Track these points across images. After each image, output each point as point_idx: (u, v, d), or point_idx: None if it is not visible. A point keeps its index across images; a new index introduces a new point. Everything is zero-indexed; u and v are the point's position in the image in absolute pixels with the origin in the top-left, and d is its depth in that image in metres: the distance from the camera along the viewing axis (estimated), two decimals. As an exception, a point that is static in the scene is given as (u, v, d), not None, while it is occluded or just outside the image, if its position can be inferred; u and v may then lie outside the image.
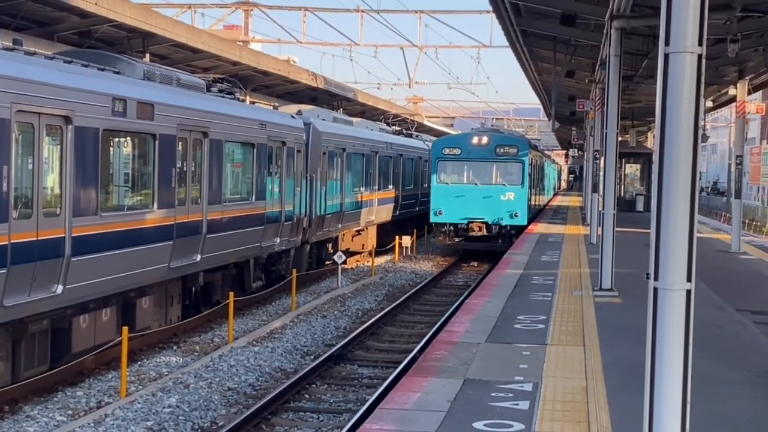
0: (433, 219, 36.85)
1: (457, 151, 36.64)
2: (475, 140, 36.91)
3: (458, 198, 35.74)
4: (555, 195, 78.44)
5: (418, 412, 9.15)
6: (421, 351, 14.85)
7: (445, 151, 37.07)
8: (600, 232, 19.59)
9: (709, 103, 39.74)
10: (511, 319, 14.65)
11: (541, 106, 57.52)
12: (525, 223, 36.51)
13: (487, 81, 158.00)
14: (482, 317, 14.71)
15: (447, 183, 36.63)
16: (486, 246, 35.97)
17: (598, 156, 26.70)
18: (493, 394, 9.86)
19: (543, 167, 58.30)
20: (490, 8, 22.22)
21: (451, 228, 36.34)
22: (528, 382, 10.48)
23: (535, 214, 44.65)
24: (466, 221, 35.72)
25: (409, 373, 10.96)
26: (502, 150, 36.22)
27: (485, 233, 35.43)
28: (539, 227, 38.35)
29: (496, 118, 78.50)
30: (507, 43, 28.26)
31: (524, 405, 9.49)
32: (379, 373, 16.28)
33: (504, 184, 36.06)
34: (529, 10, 21.81)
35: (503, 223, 35.29)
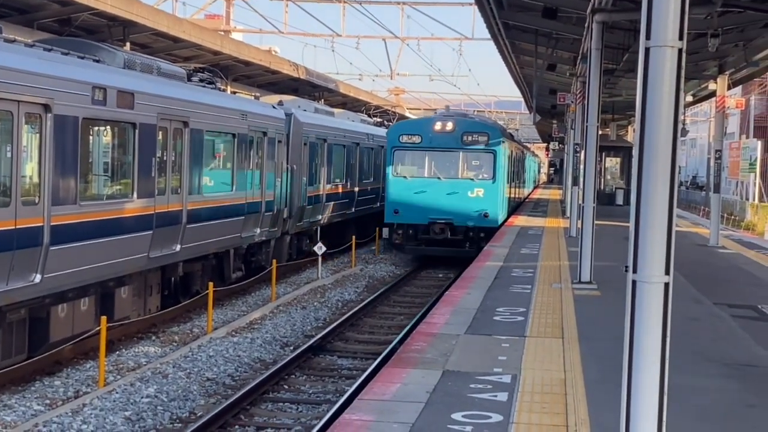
0: (388, 219, 30.73)
1: (416, 139, 30.54)
2: (437, 126, 30.63)
3: (418, 195, 29.98)
4: (535, 188, 78.62)
5: (397, 403, 9.17)
6: (400, 342, 14.87)
7: (402, 139, 30.95)
8: (580, 225, 19.65)
9: (689, 98, 39.91)
10: (490, 311, 14.68)
11: (522, 99, 57.52)
12: (497, 224, 31.16)
13: (468, 73, 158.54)
14: (462, 309, 14.74)
15: (405, 177, 30.66)
16: (450, 251, 30.15)
17: (578, 149, 26.72)
18: (472, 386, 9.88)
19: (522, 159, 53.00)
20: (473, 0, 22.16)
21: (410, 230, 30.38)
22: (507, 373, 10.51)
23: (513, 209, 40.67)
24: (426, 222, 29.86)
25: (389, 365, 10.98)
26: (470, 138, 30.23)
27: (449, 236, 29.64)
28: (519, 220, 37.44)
29: (478, 111, 78.54)
30: (489, 36, 28.31)
31: (503, 396, 9.51)
32: (359, 364, 16.30)
33: (472, 179, 30.31)
34: (511, 2, 21.85)
35: (471, 224, 29.62)
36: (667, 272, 6.26)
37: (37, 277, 13.77)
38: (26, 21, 23.59)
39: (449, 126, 30.32)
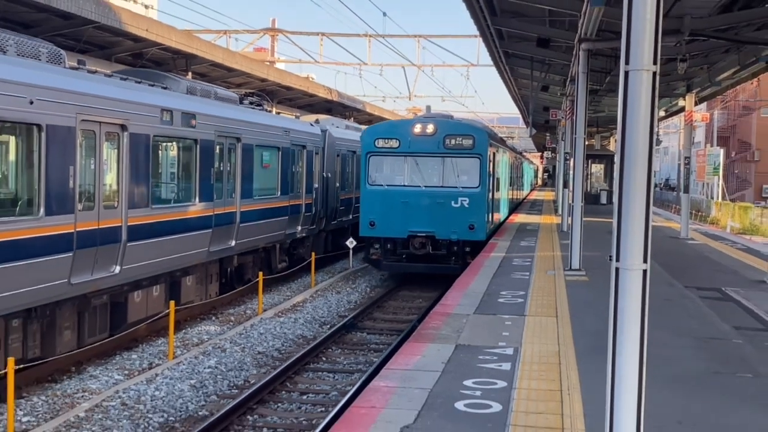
0: (363, 233, 23.08)
1: (394, 144, 23.11)
2: (417, 129, 23.09)
3: (396, 205, 22.57)
4: (532, 190, 78.26)
5: (417, 372, 9.19)
6: (419, 321, 14.87)
7: (378, 144, 23.28)
8: (570, 222, 19.56)
9: (662, 113, 39.69)
10: (495, 294, 14.67)
11: (520, 116, 57.33)
12: (483, 237, 23.14)
13: (474, 94, 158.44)
14: (471, 293, 14.73)
15: (381, 185, 23.01)
16: (433, 268, 22.90)
17: (568, 157, 26.69)
18: (480, 357, 9.89)
19: (518, 165, 46.00)
20: (478, 33, 22.19)
21: (388, 245, 22.93)
22: (510, 347, 10.51)
23: (508, 214, 33.59)
24: (406, 235, 22.53)
25: (410, 340, 10.98)
26: (453, 141, 22.96)
27: (431, 251, 22.50)
28: (519, 217, 36.49)
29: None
30: (492, 63, 28.21)
31: (506, 366, 9.52)
32: (385, 339, 16.32)
33: (456, 187, 22.74)
34: (510, 34, 21.80)
35: (455, 237, 22.44)
36: (645, 260, 6.25)
37: (117, 269, 13.87)
38: (105, 55, 23.73)
39: (430, 128, 22.85)
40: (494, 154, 24.85)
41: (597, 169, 50.72)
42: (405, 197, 22.43)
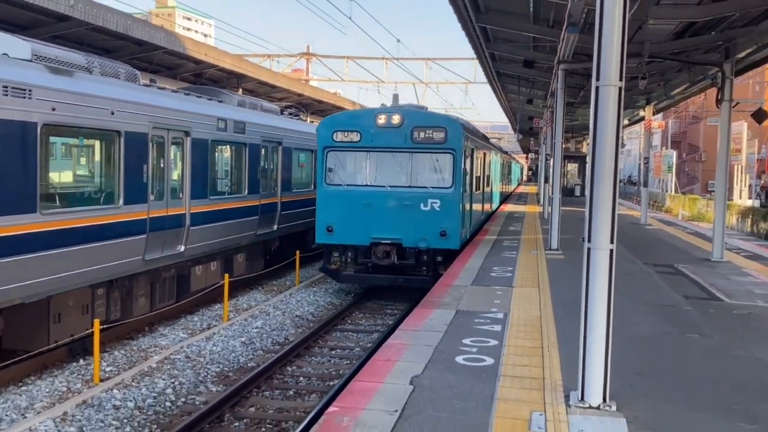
0: (319, 239, 16.77)
1: (354, 137, 16.72)
2: (381, 120, 16.67)
3: (356, 208, 16.46)
4: (519, 185, 77.93)
5: (425, 332, 9.21)
6: (427, 291, 14.87)
7: (336, 137, 16.76)
8: (550, 210, 19.52)
9: (626, 121, 39.46)
10: (488, 269, 14.66)
11: (509, 123, 57.11)
12: (457, 246, 16.60)
13: (472, 106, 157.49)
14: (469, 268, 14.73)
15: (340, 185, 16.59)
16: (399, 280, 16.53)
17: (548, 158, 26.57)
18: (476, 320, 9.90)
19: (506, 164, 40.00)
20: (475, 56, 22.12)
21: (348, 253, 16.83)
22: (500, 312, 10.51)
23: (482, 223, 23.90)
24: (368, 243, 16.39)
25: (419, 306, 10.99)
26: (422, 134, 16.61)
27: (397, 261, 16.28)
28: (508, 207, 36.03)
29: (478, 132, 78.04)
30: (486, 80, 28.12)
31: (497, 327, 9.52)
32: (398, 305, 16.34)
33: (426, 187, 16.37)
34: (501, 57, 21.70)
35: (424, 245, 16.24)
36: (612, 242, 6.26)
37: (182, 248, 13.94)
38: (172, 75, 23.82)
39: (396, 119, 16.37)
40: (472, 150, 18.29)
41: (572, 167, 50.82)
42: (367, 199, 15.92)
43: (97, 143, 12.06)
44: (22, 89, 9.88)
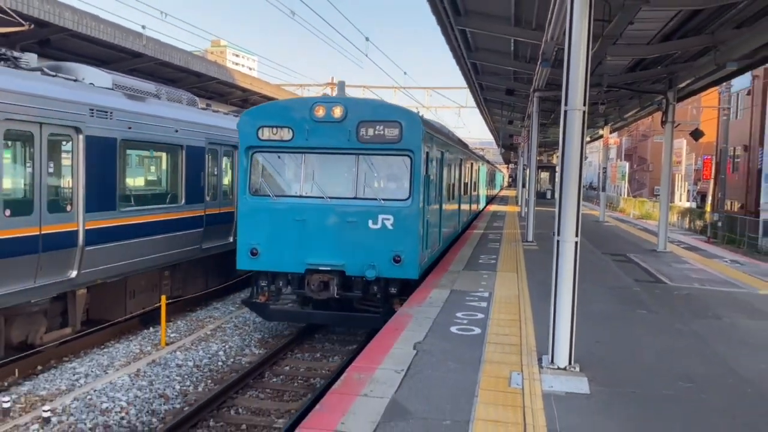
0: (241, 264, 10.13)
1: (285, 134, 9.96)
2: (319, 112, 9.86)
3: (288, 226, 9.99)
4: (502, 189, 77.62)
5: (426, 307, 9.19)
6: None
7: (262, 134, 10.06)
8: (526, 210, 19.46)
9: (588, 138, 39.30)
10: (477, 257, 14.63)
11: (494, 140, 57.02)
12: (415, 275, 9.95)
13: (464, 126, 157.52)
14: (461, 257, 14.70)
15: (267, 196, 10.13)
16: (342, 317, 10.37)
17: (525, 168, 26.53)
18: (467, 298, 9.88)
19: (487, 171, 32.88)
20: (467, 86, 22.07)
21: (280, 282, 10.30)
22: (486, 291, 10.48)
23: (454, 240, 17.24)
24: (303, 271, 9.93)
25: (420, 287, 11.00)
26: (371, 131, 9.78)
27: (337, 293, 9.87)
28: (493, 207, 35.52)
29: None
30: (475, 105, 28.04)
31: (484, 304, 9.50)
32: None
33: (375, 199, 9.93)
34: (488, 86, 21.62)
35: (372, 274, 9.68)
36: (577, 235, 6.24)
37: (231, 239, 13.83)
38: (224, 100, 23.90)
39: (337, 112, 9.96)
40: (441, 153, 12.50)
41: (544, 175, 50.91)
42: (301, 214, 10.07)
43: (163, 155, 12.11)
44: (105, 111, 9.94)
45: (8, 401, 7.70)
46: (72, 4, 14.46)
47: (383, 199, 9.99)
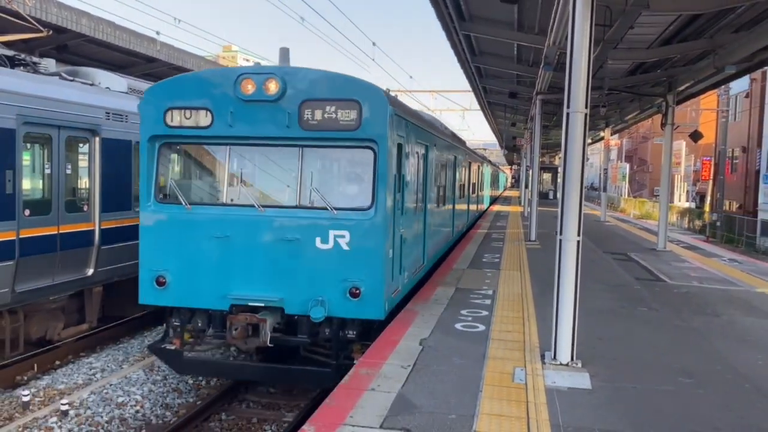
0: (145, 298, 6.86)
1: (202, 119, 6.64)
2: (247, 87, 6.52)
3: (206, 246, 6.71)
4: (505, 190, 77.47)
5: (432, 304, 9.18)
6: (432, 272, 14.86)
7: (172, 119, 6.75)
8: (529, 210, 19.43)
9: (590, 140, 39.20)
10: (481, 256, 14.62)
11: (497, 142, 56.97)
12: (381, 314, 6.65)
13: (468, 128, 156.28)
14: (466, 255, 14.69)
15: (179, 205, 6.84)
16: (279, 372, 6.89)
17: (528, 169, 26.50)
18: (471, 296, 9.87)
19: (491, 173, 30.34)
20: (471, 89, 22.05)
21: (198, 322, 6.97)
22: (490, 289, 10.48)
23: (447, 251, 13.95)
24: (227, 307, 6.70)
25: (426, 285, 10.99)
26: (318, 114, 6.46)
27: (272, 342, 6.58)
28: (496, 208, 35.31)
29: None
30: (479, 108, 28.01)
31: (488, 301, 9.49)
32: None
33: (325, 208, 6.67)
34: (491, 89, 21.60)
35: (320, 313, 6.47)
36: (579, 234, 6.23)
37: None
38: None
39: (272, 87, 6.53)
40: (426, 147, 9.51)
41: (547, 176, 50.86)
42: (224, 229, 6.96)
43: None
44: (120, 114, 9.98)
45: (28, 395, 7.76)
46: (89, 10, 14.52)
47: (336, 209, 6.80)
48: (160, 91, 7.13)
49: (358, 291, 6.77)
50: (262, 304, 6.89)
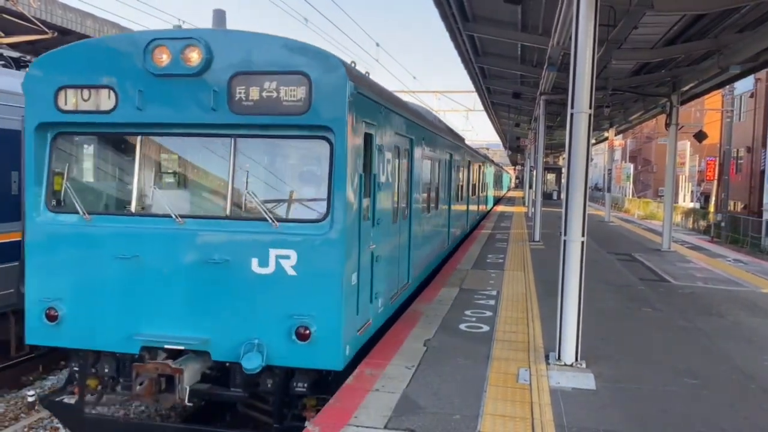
0: (32, 337, 5.15)
1: (104, 100, 4.87)
2: (161, 58, 4.76)
3: (109, 268, 4.98)
4: (509, 190, 77.36)
5: (437, 304, 9.18)
6: (436, 273, 14.84)
7: (65, 101, 4.99)
8: (533, 211, 19.41)
9: (594, 141, 39.16)
10: (485, 256, 14.60)
11: (501, 142, 56.94)
12: (340, 363, 4.93)
13: (472, 129, 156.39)
14: (470, 256, 14.67)
15: (76, 214, 5.14)
16: None
17: (532, 169, 26.48)
18: (476, 296, 9.86)
19: (494, 173, 29.04)
20: (475, 89, 22.04)
21: (107, 366, 5.18)
22: (494, 290, 10.47)
23: (441, 261, 12.13)
24: (137, 351, 4.96)
25: (430, 286, 10.98)
26: (254, 92, 4.70)
27: (186, 395, 4.77)
28: (500, 208, 35.15)
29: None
30: (483, 108, 28.00)
31: (492, 302, 9.48)
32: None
33: (264, 219, 4.94)
34: (495, 90, 21.60)
35: (255, 362, 4.72)
36: (583, 235, 6.22)
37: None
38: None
39: (193, 56, 4.81)
40: (411, 140, 7.84)
41: (551, 177, 50.81)
42: (131, 247, 5.20)
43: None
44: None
45: (33, 395, 7.79)
46: (94, 12, 14.58)
47: (280, 220, 5.18)
48: (50, 63, 5.36)
49: (307, 331, 4.98)
50: (182, 347, 5.10)
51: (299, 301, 5.04)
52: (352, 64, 5.91)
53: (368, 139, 5.73)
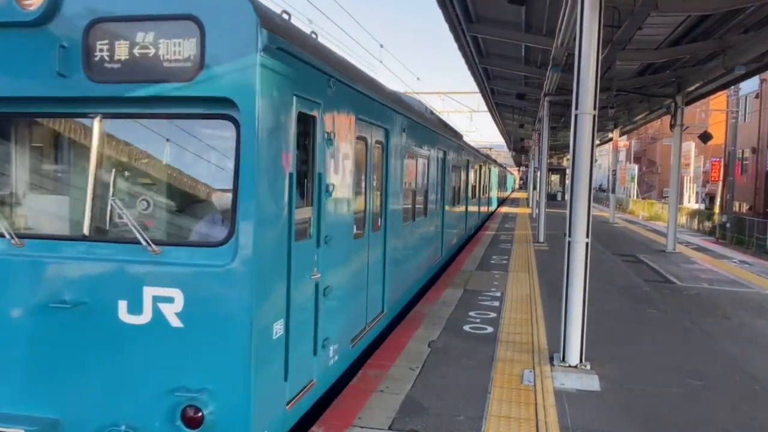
0: None
1: None
2: None
3: None
4: (513, 191, 77.24)
5: (441, 305, 9.18)
6: (441, 274, 14.83)
7: None
8: (537, 212, 19.39)
9: (598, 141, 39.10)
10: (489, 257, 14.59)
11: (505, 143, 56.88)
12: None
13: (476, 130, 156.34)
14: (474, 256, 14.66)
15: None
16: None
17: (536, 170, 26.44)
18: (480, 297, 9.86)
19: (499, 175, 28.77)
20: (479, 90, 22.03)
21: None
22: (498, 291, 10.46)
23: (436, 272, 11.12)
24: None
25: (434, 287, 10.98)
26: (123, 50, 2.77)
27: None
28: (504, 209, 35.40)
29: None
30: (487, 109, 27.99)
31: (496, 303, 9.48)
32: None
33: (137, 242, 3.09)
34: (499, 91, 21.59)
35: None
36: (587, 236, 6.22)
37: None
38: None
39: None
40: (387, 130, 6.22)
41: (555, 177, 50.97)
42: None
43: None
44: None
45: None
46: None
47: (160, 244, 3.55)
48: None
49: (199, 414, 3.35)
50: (21, 430, 3.46)
51: (187, 368, 3.33)
52: (266, 9, 3.56)
53: (308, 122, 4.03)
